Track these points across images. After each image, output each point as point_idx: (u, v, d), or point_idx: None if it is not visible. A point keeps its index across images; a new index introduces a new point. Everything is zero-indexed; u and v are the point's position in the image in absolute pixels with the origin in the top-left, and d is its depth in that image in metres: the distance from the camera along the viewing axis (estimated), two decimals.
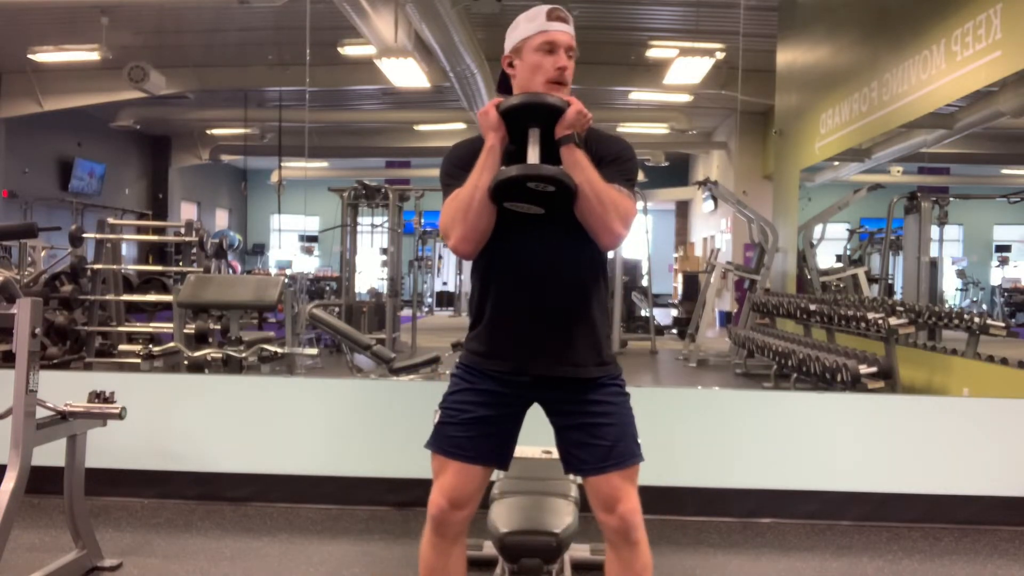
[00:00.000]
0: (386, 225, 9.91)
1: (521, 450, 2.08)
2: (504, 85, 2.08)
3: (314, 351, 5.91)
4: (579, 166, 1.88)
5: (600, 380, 1.99)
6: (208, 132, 16.30)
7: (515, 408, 2.02)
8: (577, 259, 1.99)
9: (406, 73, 9.90)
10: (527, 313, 1.98)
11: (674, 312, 13.83)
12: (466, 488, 1.96)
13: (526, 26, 2.01)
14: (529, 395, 2.02)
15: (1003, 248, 13.26)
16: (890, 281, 9.65)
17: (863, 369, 5.19)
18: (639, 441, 2.00)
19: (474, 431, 1.97)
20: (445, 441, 1.98)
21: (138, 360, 5.03)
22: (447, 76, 9.95)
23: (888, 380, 5.24)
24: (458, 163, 1.99)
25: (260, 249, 19.78)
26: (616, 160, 1.98)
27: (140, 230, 11.29)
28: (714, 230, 15.35)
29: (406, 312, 10.63)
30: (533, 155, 1.91)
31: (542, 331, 1.98)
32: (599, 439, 1.95)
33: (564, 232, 1.94)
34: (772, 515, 3.54)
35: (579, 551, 2.85)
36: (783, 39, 9.64)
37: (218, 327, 6.15)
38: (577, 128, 1.90)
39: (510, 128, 1.92)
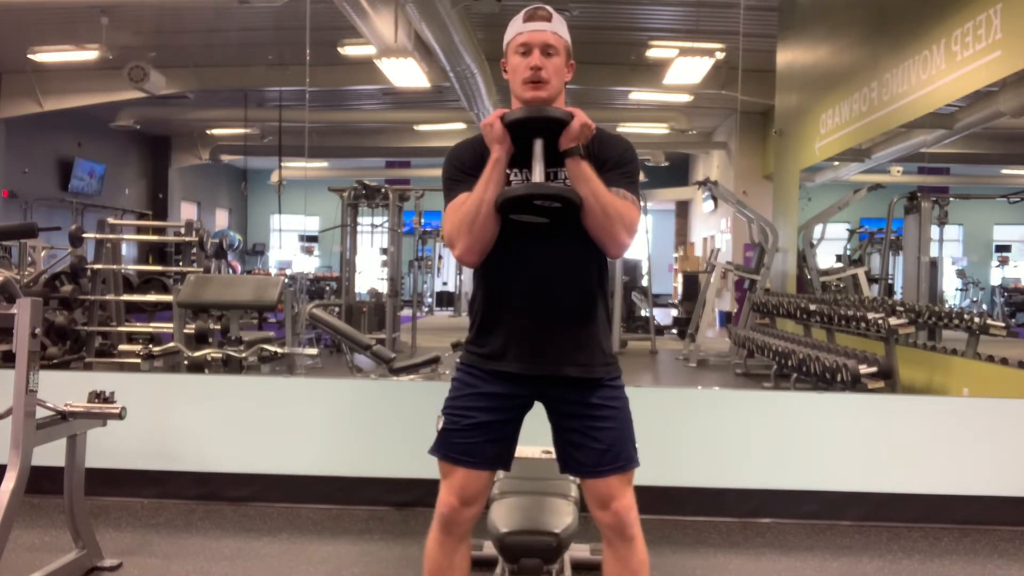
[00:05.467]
0: (386, 225, 9.91)
1: (521, 450, 2.09)
2: None
3: (314, 351, 5.90)
4: (584, 178, 1.89)
5: (602, 381, 2.00)
6: (208, 132, 16.29)
7: (516, 411, 2.04)
8: (580, 262, 1.99)
9: (406, 73, 9.90)
10: (531, 314, 1.99)
11: (674, 312, 13.82)
12: (474, 487, 1.99)
13: (509, 30, 2.03)
14: (531, 395, 2.03)
15: (1003, 248, 13.25)
16: (890, 281, 9.64)
17: (863, 369, 5.19)
18: (636, 445, 2.01)
19: (477, 436, 1.98)
20: (450, 447, 2.00)
21: (138, 360, 5.01)
22: (447, 76, 9.94)
23: (888, 380, 5.23)
24: (460, 166, 2.00)
25: (260, 249, 19.78)
26: (619, 163, 1.98)
27: (140, 230, 11.29)
28: (714, 230, 15.34)
29: (406, 312, 10.63)
30: (538, 171, 1.92)
31: (545, 332, 1.99)
32: (597, 442, 1.96)
33: (568, 236, 1.95)
34: (772, 515, 3.54)
35: (579, 551, 2.85)
36: (783, 39, 9.64)
37: (218, 327, 6.15)
38: (582, 140, 1.91)
39: (514, 137, 1.92)
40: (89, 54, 10.12)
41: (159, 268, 10.55)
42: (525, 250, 1.98)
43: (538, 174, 1.92)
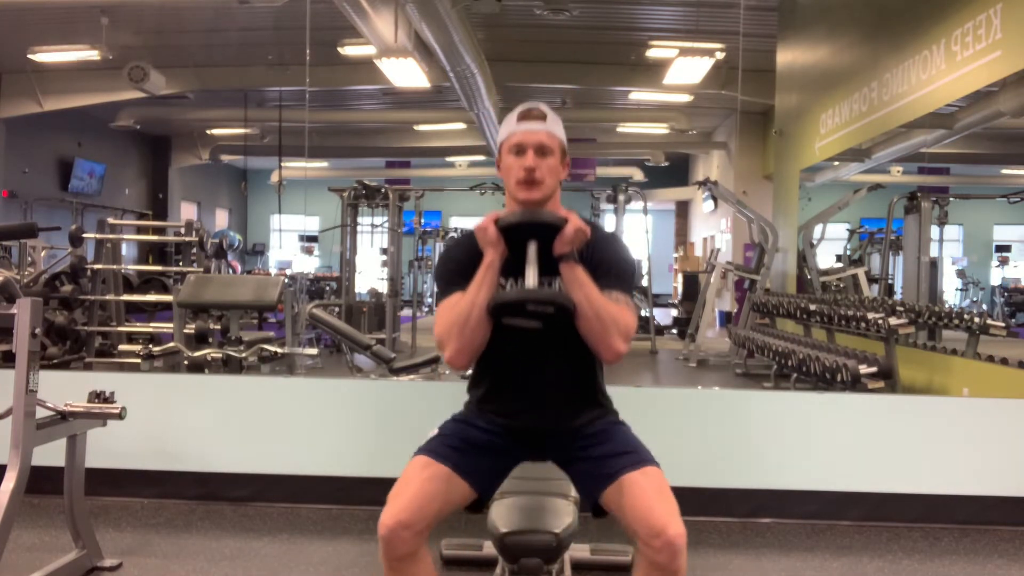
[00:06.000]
0: (386, 225, 9.91)
1: None
2: None
3: (314, 351, 5.90)
4: (578, 283, 1.89)
5: (595, 420, 2.06)
6: (208, 132, 16.29)
7: (510, 451, 2.06)
8: (577, 346, 1.98)
9: (406, 73, 9.89)
10: (527, 390, 2.03)
11: (674, 312, 13.83)
12: (425, 506, 1.88)
13: (503, 129, 2.04)
14: (525, 446, 2.06)
15: (1003, 248, 13.25)
16: (890, 281, 9.65)
17: (863, 369, 5.19)
18: (651, 455, 2.01)
19: (469, 452, 2.00)
20: (435, 449, 2.00)
21: (138, 360, 5.01)
22: (447, 76, 9.94)
23: (888, 380, 5.23)
24: (455, 267, 2.01)
25: (260, 249, 19.78)
26: (614, 268, 1.99)
27: (140, 230, 11.30)
28: (714, 230, 15.35)
29: (406, 312, 10.63)
30: (531, 276, 1.91)
31: (543, 402, 2.03)
32: (603, 456, 1.98)
33: (564, 326, 1.95)
34: (772, 515, 3.53)
35: (579, 551, 2.85)
36: (783, 39, 9.64)
37: (218, 327, 6.15)
38: (576, 245, 1.90)
39: (508, 240, 1.93)
40: (89, 54, 10.11)
41: (159, 268, 10.55)
42: (519, 344, 1.99)
43: (531, 278, 1.91)
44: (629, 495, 1.90)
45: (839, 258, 11.28)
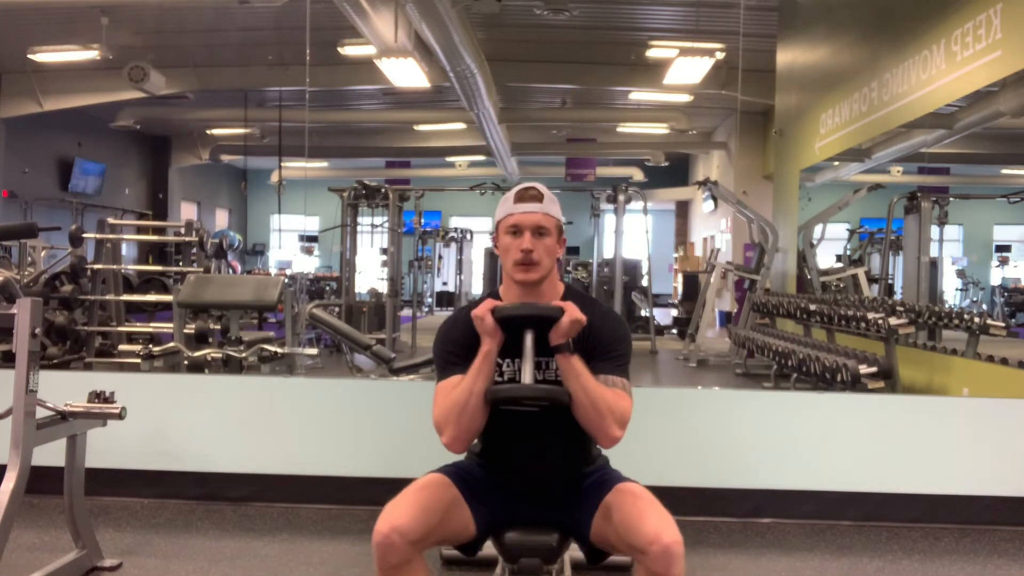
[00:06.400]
0: (386, 225, 9.91)
1: None
2: None
3: (314, 351, 5.90)
4: (574, 374, 1.91)
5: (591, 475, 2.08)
6: (208, 132, 16.29)
7: (507, 507, 2.05)
8: (574, 428, 1.99)
9: (406, 73, 9.89)
10: (526, 468, 2.05)
11: (674, 312, 13.83)
12: (424, 517, 1.87)
13: (500, 209, 2.05)
14: (524, 502, 2.06)
15: (1003, 248, 13.25)
16: (890, 281, 9.64)
17: (863, 369, 5.18)
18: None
19: (478, 489, 2.03)
20: (452, 471, 2.04)
21: (138, 360, 5.02)
22: (447, 76, 9.94)
23: (888, 380, 5.23)
24: (454, 348, 2.03)
25: (260, 249, 19.77)
26: (609, 349, 2.00)
27: (140, 230, 11.30)
28: (714, 230, 15.35)
29: (406, 312, 10.63)
30: (528, 371, 1.94)
31: (541, 477, 2.05)
32: (585, 491, 2.02)
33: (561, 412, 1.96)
34: (772, 515, 3.54)
35: (579, 551, 2.85)
36: (783, 39, 9.63)
37: (218, 327, 6.14)
38: (571, 335, 1.92)
39: (506, 328, 1.95)
40: (89, 54, 10.11)
41: (159, 268, 10.56)
42: (520, 424, 2.01)
43: (528, 374, 1.93)
44: (618, 511, 1.90)
45: (839, 258, 11.27)
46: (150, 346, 5.06)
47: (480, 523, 2.01)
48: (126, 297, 7.56)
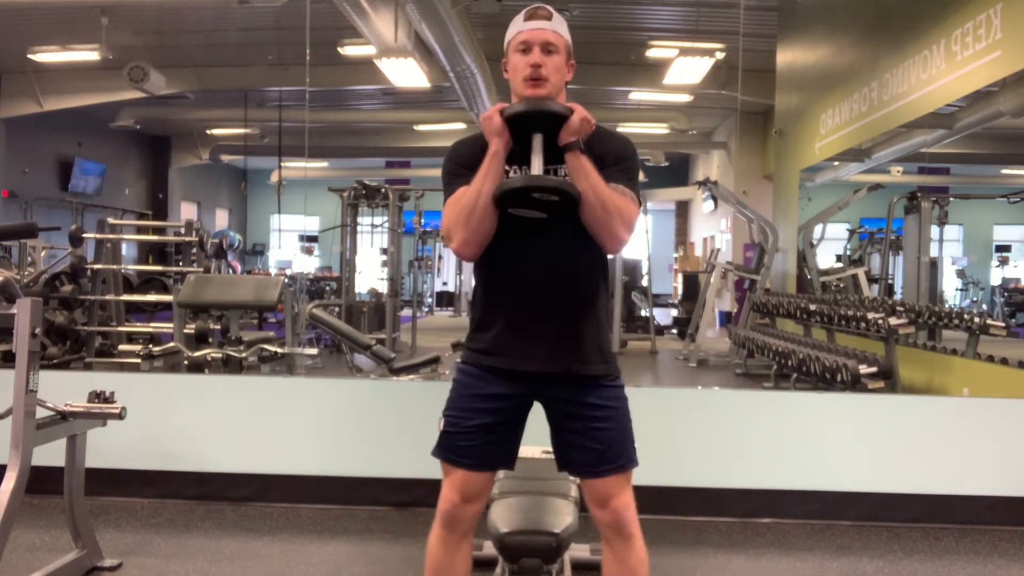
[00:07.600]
0: (386, 225, 9.91)
1: (521, 450, 2.09)
2: None
3: (314, 351, 5.90)
4: (583, 173, 1.90)
5: (601, 380, 2.00)
6: (208, 132, 16.30)
7: (515, 412, 2.03)
8: (580, 259, 1.99)
9: (406, 73, 9.90)
10: (531, 311, 1.99)
11: (674, 312, 13.82)
12: (475, 486, 2.00)
13: (510, 29, 2.04)
14: (531, 393, 2.02)
15: (1003, 248, 13.25)
16: (890, 281, 9.65)
17: (863, 369, 5.19)
18: (635, 445, 2.01)
19: (478, 439, 1.98)
20: (451, 449, 2.00)
21: (138, 360, 5.02)
22: (447, 76, 9.95)
23: (888, 380, 5.23)
24: (461, 161, 2.00)
25: (260, 249, 19.77)
26: (619, 160, 1.99)
27: (140, 230, 11.29)
28: (714, 230, 15.35)
29: (406, 312, 10.63)
30: (537, 164, 1.92)
31: (546, 329, 1.98)
32: (596, 442, 1.96)
33: (567, 232, 1.95)
34: (772, 515, 3.54)
35: (579, 551, 2.85)
36: (783, 39, 9.64)
37: (218, 327, 6.15)
38: (581, 135, 1.91)
39: (514, 132, 1.93)
40: (89, 54, 10.11)
41: (159, 268, 10.55)
42: (523, 246, 1.98)
43: (536, 167, 1.92)
44: (602, 484, 1.97)
45: (839, 258, 11.27)
46: (150, 346, 5.06)
47: (498, 458, 2.04)
48: (126, 297, 7.56)
